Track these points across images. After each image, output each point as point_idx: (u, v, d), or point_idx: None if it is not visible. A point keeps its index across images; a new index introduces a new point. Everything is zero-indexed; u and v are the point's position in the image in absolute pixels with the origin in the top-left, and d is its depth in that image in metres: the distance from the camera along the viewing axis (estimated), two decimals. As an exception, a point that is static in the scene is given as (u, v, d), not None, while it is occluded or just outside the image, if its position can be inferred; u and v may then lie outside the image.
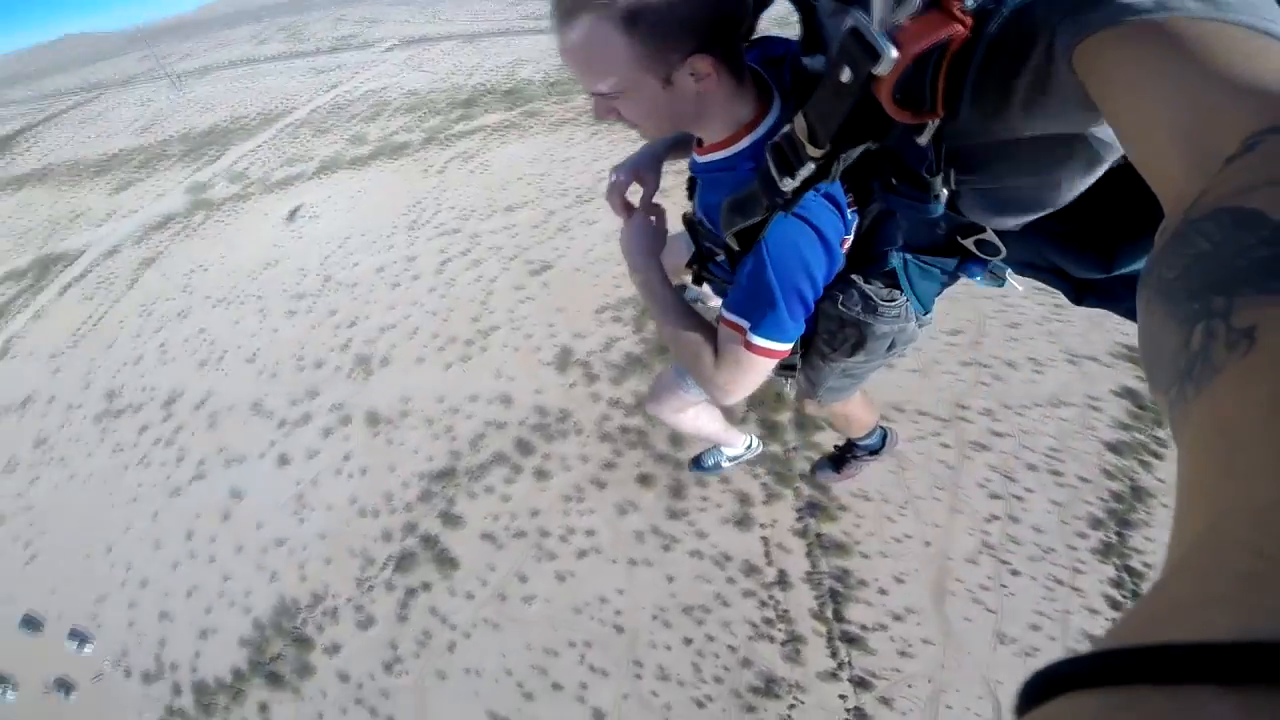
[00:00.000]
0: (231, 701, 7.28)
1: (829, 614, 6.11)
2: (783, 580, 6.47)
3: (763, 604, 6.36)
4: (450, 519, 7.80)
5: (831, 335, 3.00)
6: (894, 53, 1.29)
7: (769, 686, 5.88)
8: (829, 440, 6.82)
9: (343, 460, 9.29)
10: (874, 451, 5.75)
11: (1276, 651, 0.38)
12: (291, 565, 8.26)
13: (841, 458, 6.04)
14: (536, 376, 9.46)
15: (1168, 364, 0.75)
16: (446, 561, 7.45)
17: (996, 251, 2.01)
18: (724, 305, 2.39)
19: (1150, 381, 0.81)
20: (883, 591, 5.71)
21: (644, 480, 7.42)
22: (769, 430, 7.39)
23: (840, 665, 5.80)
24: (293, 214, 17.26)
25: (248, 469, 9.74)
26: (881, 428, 5.66)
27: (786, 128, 1.84)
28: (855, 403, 4.48)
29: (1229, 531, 0.53)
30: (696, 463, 6.70)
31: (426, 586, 7.31)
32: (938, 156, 1.61)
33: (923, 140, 1.50)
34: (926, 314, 2.90)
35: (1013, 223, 1.81)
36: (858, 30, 1.34)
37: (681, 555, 6.72)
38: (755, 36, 2.25)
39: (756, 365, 2.39)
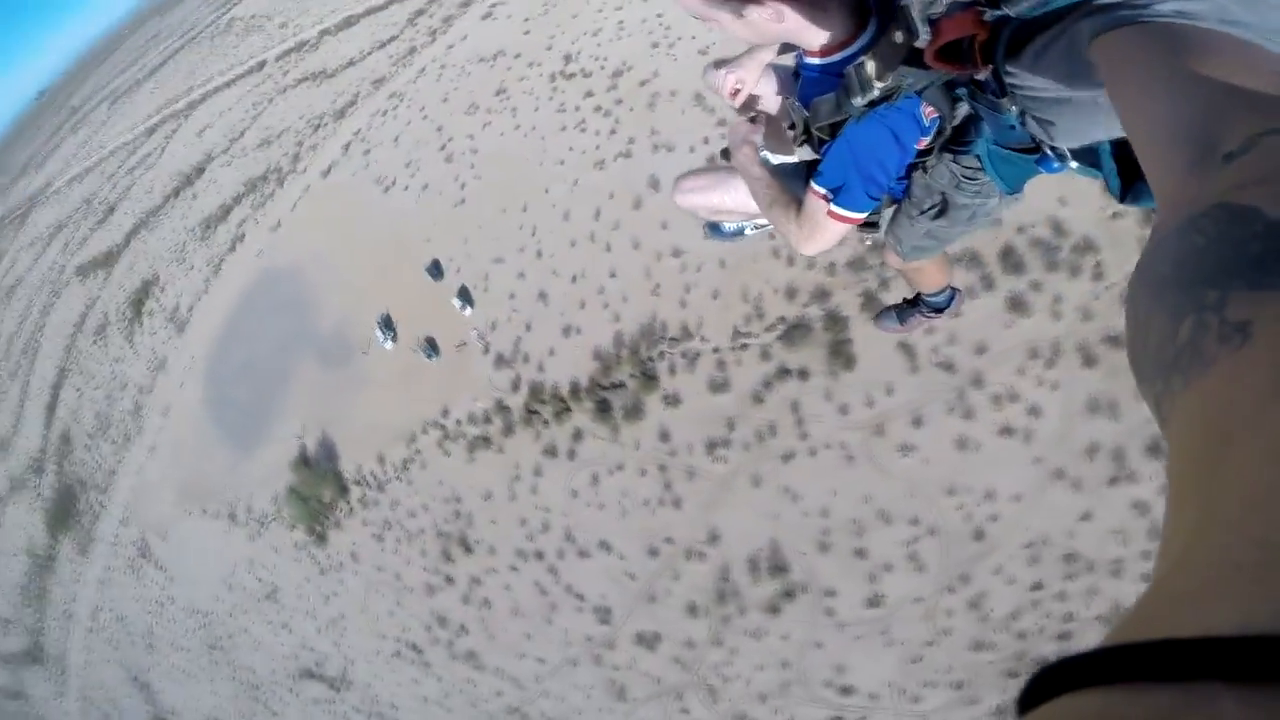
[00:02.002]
0: (553, 418, 6.73)
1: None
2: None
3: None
4: (874, 307, 5.77)
5: (920, 201, 3.43)
6: (927, 37, 1.89)
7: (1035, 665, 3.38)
8: None
9: (784, 177, 7.58)
10: (938, 309, 5.57)
11: (1277, 645, 0.37)
12: (678, 284, 7.12)
13: (906, 310, 5.90)
14: (1069, 183, 6.57)
15: (1153, 355, 0.75)
16: (842, 356, 5.69)
17: (1063, 156, 2.24)
18: (813, 178, 2.96)
19: (1136, 372, 0.81)
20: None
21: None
22: None
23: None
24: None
25: (674, 161, 8.65)
26: (951, 288, 5.43)
27: (859, 61, 2.42)
28: (933, 262, 4.57)
29: (1226, 521, 0.52)
30: (716, 230, 5.54)
31: (803, 375, 5.62)
32: (1000, 85, 1.97)
33: (981, 77, 2.04)
34: (1012, 193, 3.17)
35: (1064, 143, 2.09)
36: (906, 9, 1.93)
37: (1121, 498, 4.02)
38: None
39: (834, 227, 3.00)
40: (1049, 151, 2.31)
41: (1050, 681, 0.46)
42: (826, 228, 2.98)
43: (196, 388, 26.31)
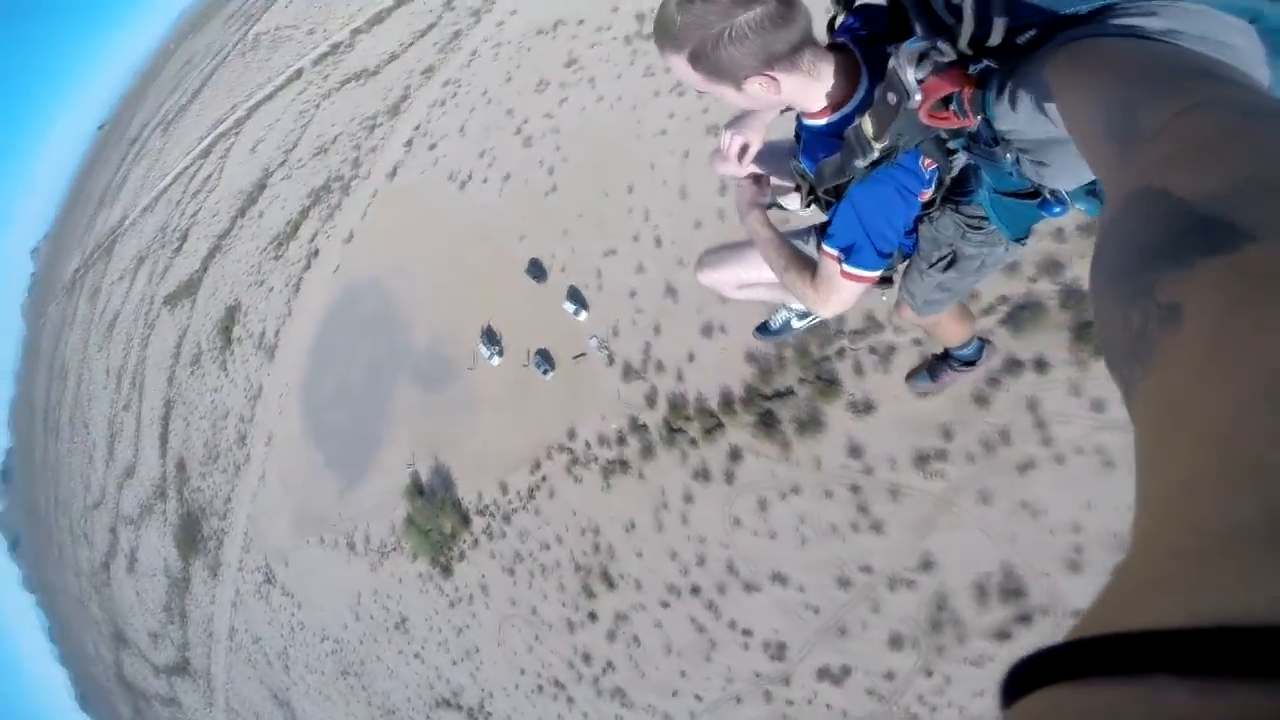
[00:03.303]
0: (702, 436, 5.35)
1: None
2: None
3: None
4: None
5: (928, 254, 3.56)
6: (919, 98, 1.98)
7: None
8: None
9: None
10: (968, 362, 5.50)
11: (1225, 636, 0.39)
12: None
13: (937, 366, 5.69)
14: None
15: (1118, 344, 0.77)
16: (1089, 340, 4.23)
17: (1062, 200, 2.37)
18: (824, 240, 3.10)
19: (1108, 362, 0.82)
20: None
21: None
22: None
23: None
24: None
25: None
26: (978, 339, 5.46)
27: (856, 122, 2.51)
28: (950, 315, 4.65)
29: (1164, 510, 0.55)
30: (764, 329, 5.57)
31: (1041, 366, 4.37)
32: (994, 135, 2.06)
33: (973, 128, 2.09)
34: (1018, 240, 3.24)
35: (1061, 185, 2.26)
36: (895, 71, 2.01)
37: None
38: (860, 3, 2.81)
39: (849, 287, 3.10)
40: (1048, 196, 2.41)
41: (1026, 676, 0.47)
42: (842, 288, 3.06)
43: (295, 416, 26.33)
